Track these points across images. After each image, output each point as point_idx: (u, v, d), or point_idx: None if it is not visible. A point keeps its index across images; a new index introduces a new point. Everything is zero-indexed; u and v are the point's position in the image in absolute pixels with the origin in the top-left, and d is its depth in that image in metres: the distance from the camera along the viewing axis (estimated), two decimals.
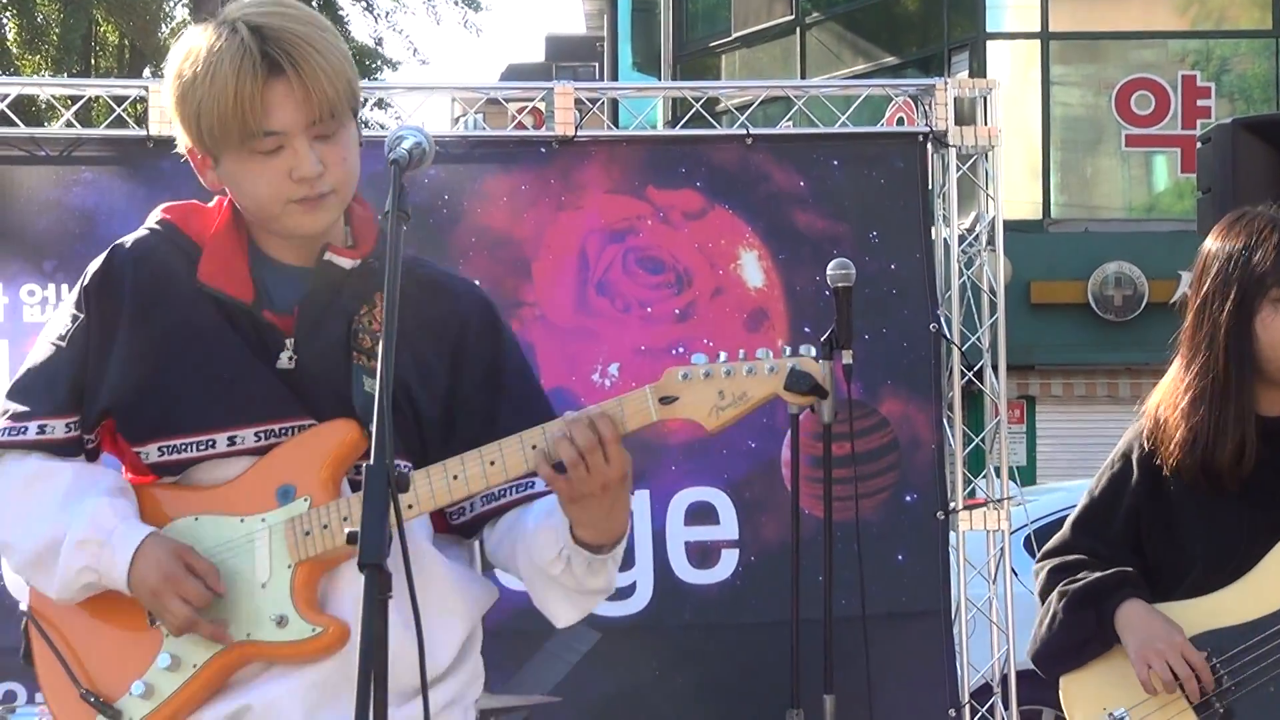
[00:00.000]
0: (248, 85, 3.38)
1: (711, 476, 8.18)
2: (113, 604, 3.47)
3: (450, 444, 3.47)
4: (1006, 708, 8.54)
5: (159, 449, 3.47)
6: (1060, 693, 4.68)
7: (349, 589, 3.38)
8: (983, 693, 8.66)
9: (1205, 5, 25.06)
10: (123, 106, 8.51)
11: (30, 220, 8.16)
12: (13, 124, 8.22)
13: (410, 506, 3.36)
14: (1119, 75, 24.16)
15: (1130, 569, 4.58)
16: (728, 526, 8.26)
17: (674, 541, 8.16)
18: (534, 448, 3.36)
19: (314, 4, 29.23)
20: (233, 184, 3.50)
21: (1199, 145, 8.22)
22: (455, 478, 3.39)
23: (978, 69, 23.51)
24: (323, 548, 3.38)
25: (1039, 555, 4.84)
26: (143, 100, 8.39)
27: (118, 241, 3.60)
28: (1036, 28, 24.46)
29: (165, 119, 8.08)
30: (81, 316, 3.55)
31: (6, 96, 8.32)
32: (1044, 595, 4.72)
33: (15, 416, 3.53)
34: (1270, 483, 4.49)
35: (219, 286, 3.48)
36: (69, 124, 8.45)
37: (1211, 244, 4.61)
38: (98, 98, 8.97)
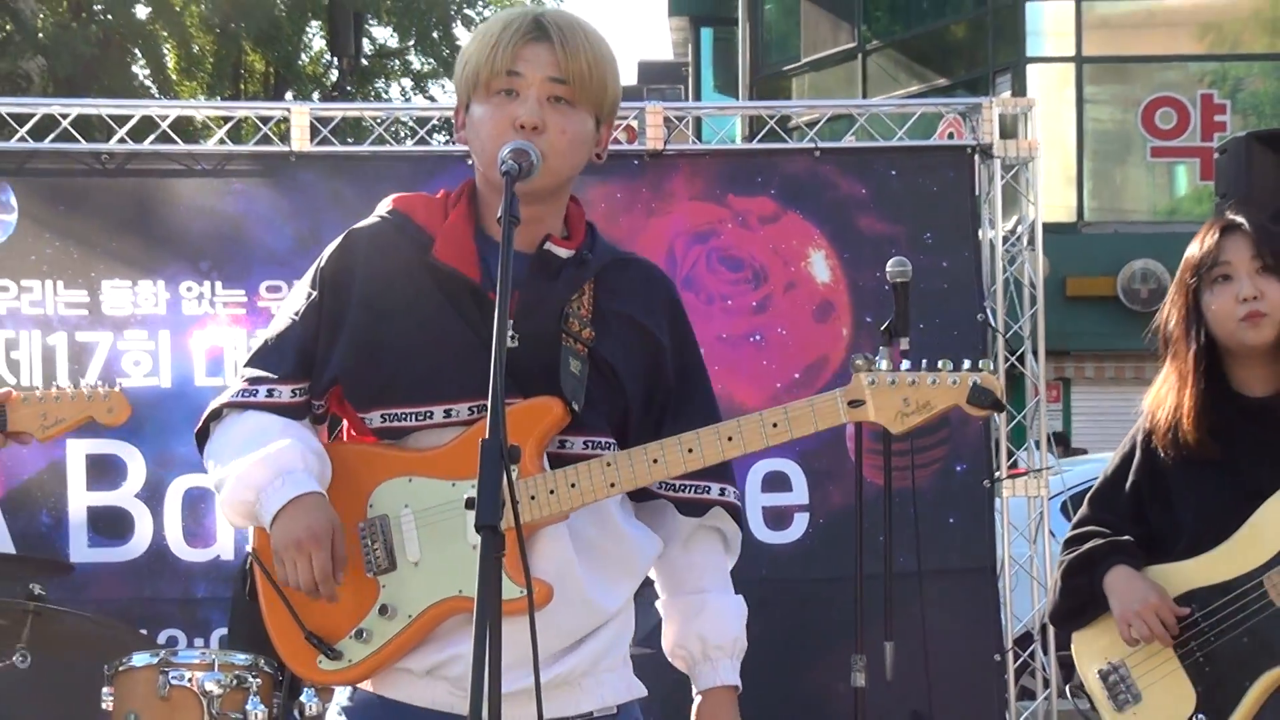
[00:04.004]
0: (509, 33, 3.40)
1: (784, 449, 8.15)
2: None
3: (645, 424, 3.45)
4: (1046, 653, 8.52)
5: (381, 416, 3.41)
6: (1072, 646, 4.74)
7: (550, 554, 3.32)
8: (1024, 640, 8.64)
9: (1222, 32, 24.91)
10: (268, 125, 8.55)
11: (188, 225, 8.21)
12: (173, 141, 8.27)
13: (613, 485, 3.32)
14: (1144, 94, 24.06)
15: (1126, 538, 4.62)
16: (799, 493, 8.25)
17: (752, 506, 8.14)
18: (729, 440, 3.31)
19: (433, 34, 29.34)
20: (472, 131, 3.45)
21: (1216, 155, 8.17)
22: (655, 461, 3.32)
23: (1019, 89, 23.43)
24: (529, 516, 3.26)
25: (1070, 527, 4.88)
26: (285, 120, 8.42)
27: (353, 227, 3.55)
28: (1071, 52, 24.36)
29: (305, 137, 8.21)
30: (315, 294, 3.49)
31: (167, 117, 8.36)
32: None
33: (250, 380, 3.48)
34: (1249, 457, 4.49)
35: (453, 265, 3.40)
36: (221, 141, 8.51)
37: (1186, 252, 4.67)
38: (246, 118, 8.99)
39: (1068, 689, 8.98)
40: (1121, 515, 4.68)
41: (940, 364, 3.30)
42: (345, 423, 3.57)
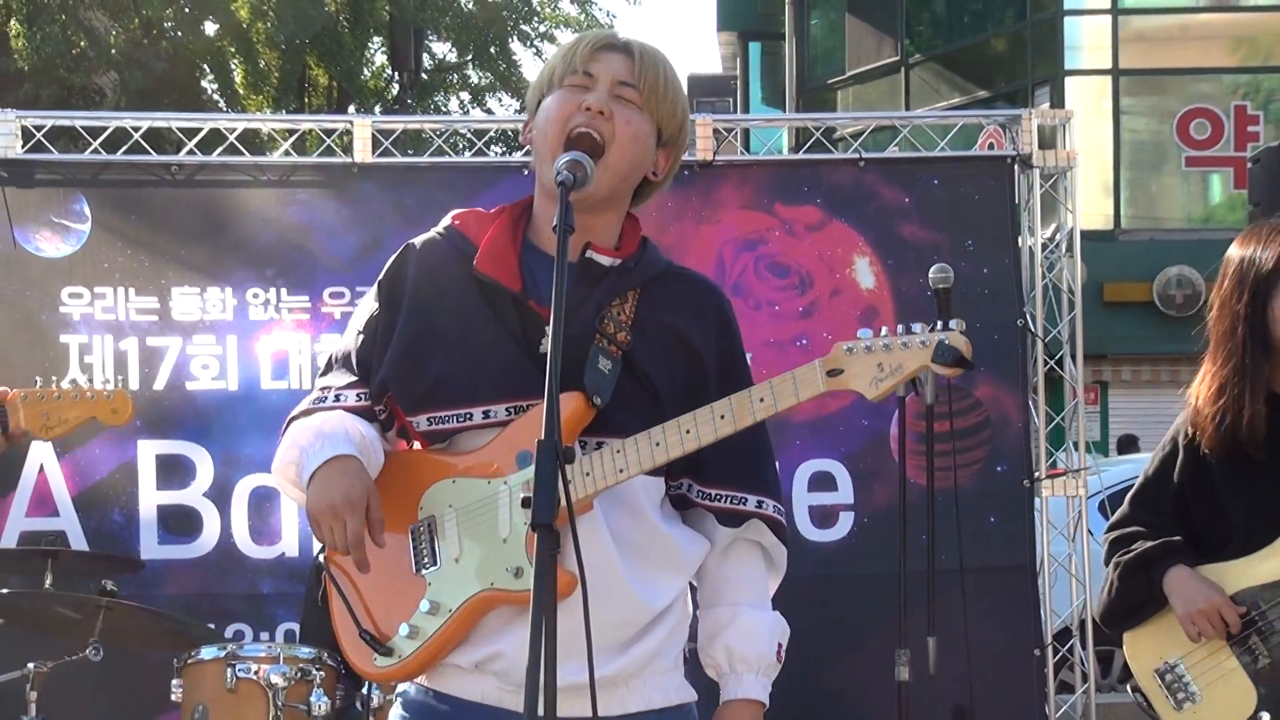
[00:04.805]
0: (588, 40, 3.49)
1: (830, 450, 8.13)
2: (387, 556, 3.44)
3: None
4: (1084, 648, 8.47)
5: (428, 419, 3.43)
6: (1124, 646, 4.69)
7: (587, 544, 3.23)
8: (1063, 635, 8.60)
9: (1254, 45, 24.80)
10: (331, 138, 8.57)
11: (254, 234, 8.23)
12: (240, 153, 8.29)
13: (621, 470, 3.30)
14: (1179, 106, 23.96)
15: (1177, 539, 4.61)
16: (844, 492, 8.21)
17: (799, 505, 8.12)
18: (722, 417, 3.29)
19: (491, 50, 29.37)
20: (540, 122, 3.47)
21: (1249, 165, 8.15)
22: (657, 445, 3.30)
23: (1057, 101, 23.36)
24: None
25: (1107, 526, 4.85)
26: (348, 133, 8.44)
27: (410, 241, 3.60)
28: (1108, 65, 24.27)
29: (367, 149, 8.22)
30: (375, 306, 3.55)
31: (235, 130, 8.39)
32: (1107, 563, 4.78)
33: (322, 389, 3.55)
34: None
35: (492, 275, 3.43)
36: (286, 153, 8.53)
37: (1231, 251, 4.65)
38: (311, 131, 9.03)
39: (1129, 686, 8.97)
40: (1165, 515, 4.65)
41: (916, 328, 3.26)
42: None
